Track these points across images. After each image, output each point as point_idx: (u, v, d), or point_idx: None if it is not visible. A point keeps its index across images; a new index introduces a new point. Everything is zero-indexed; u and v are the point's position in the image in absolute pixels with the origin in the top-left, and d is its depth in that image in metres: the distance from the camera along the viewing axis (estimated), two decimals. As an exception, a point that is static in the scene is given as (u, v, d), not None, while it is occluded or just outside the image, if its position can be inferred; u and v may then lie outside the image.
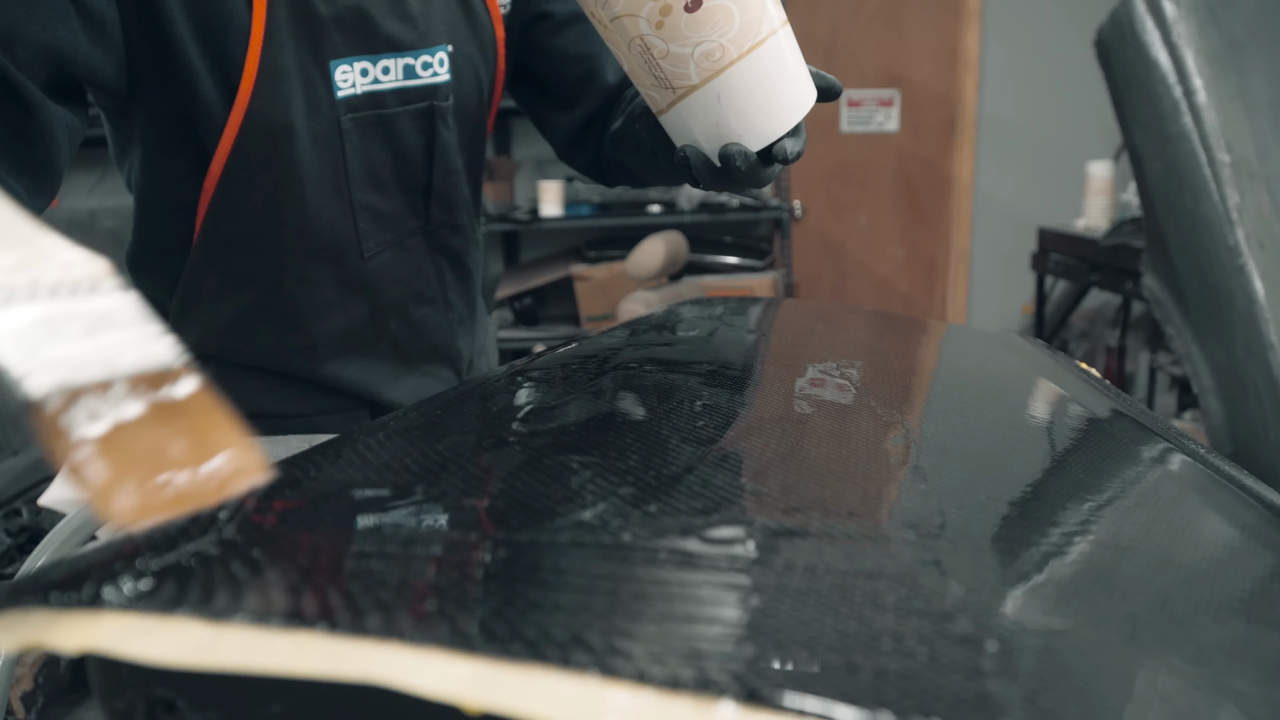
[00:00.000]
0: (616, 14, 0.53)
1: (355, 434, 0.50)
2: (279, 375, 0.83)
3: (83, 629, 0.29)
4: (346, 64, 0.75)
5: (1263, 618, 0.39)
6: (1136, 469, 0.58)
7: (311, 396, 0.84)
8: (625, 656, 0.27)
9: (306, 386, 0.84)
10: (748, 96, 0.56)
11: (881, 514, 0.41)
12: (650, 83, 0.57)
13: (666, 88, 0.56)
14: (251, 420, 0.80)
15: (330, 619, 0.28)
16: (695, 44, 0.53)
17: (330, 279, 0.82)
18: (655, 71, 0.55)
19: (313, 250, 0.80)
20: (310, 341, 0.83)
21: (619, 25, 0.54)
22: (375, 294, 0.84)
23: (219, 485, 0.34)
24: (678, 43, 0.53)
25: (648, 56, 0.54)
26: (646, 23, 0.52)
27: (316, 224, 0.80)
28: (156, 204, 0.82)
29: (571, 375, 0.69)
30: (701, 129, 0.57)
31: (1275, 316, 1.42)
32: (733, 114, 0.56)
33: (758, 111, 0.56)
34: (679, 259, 3.15)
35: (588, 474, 0.43)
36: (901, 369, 0.83)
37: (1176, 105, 1.54)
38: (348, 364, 0.84)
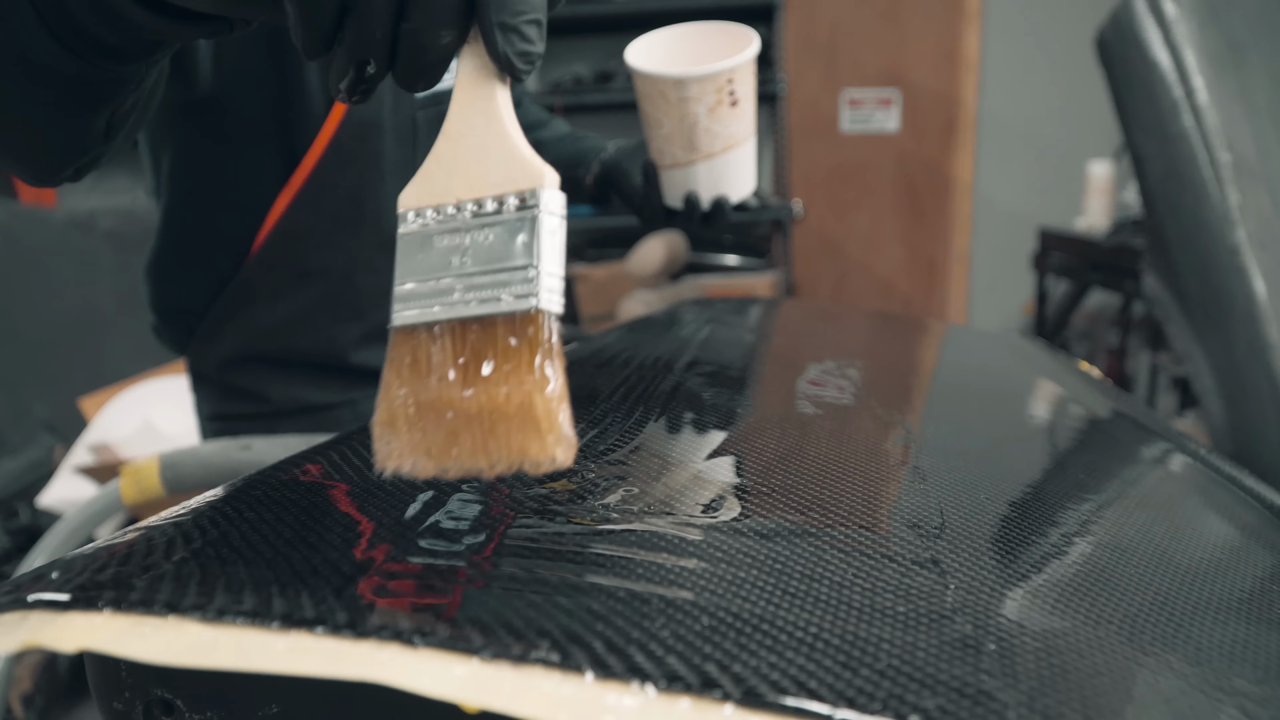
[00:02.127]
0: (686, 97, 0.72)
1: (355, 434, 0.50)
2: (325, 367, 0.86)
3: (82, 629, 0.29)
4: None
5: (1263, 618, 0.39)
6: (1137, 469, 0.58)
7: (354, 385, 0.87)
8: (625, 656, 0.27)
9: (351, 375, 0.87)
10: (738, 167, 0.77)
11: (881, 514, 0.41)
12: (682, 145, 0.75)
13: (694, 151, 0.75)
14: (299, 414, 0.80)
15: (330, 619, 0.28)
16: (725, 126, 0.74)
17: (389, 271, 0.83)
18: (692, 139, 0.74)
19: (382, 242, 0.83)
20: (367, 331, 0.86)
21: (683, 103, 0.72)
22: None
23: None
24: (717, 124, 0.73)
25: (693, 128, 0.73)
26: (704, 106, 0.72)
27: (390, 216, 0.82)
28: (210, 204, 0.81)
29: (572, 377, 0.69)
30: (705, 184, 0.77)
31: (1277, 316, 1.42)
32: (728, 177, 0.77)
33: (740, 179, 0.78)
34: (679, 259, 3.15)
35: (586, 474, 0.43)
36: (902, 369, 0.83)
37: (1177, 105, 1.54)
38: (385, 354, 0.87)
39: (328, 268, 0.82)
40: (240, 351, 0.85)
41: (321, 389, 0.87)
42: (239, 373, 0.86)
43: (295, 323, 0.84)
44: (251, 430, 0.86)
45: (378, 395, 0.35)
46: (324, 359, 0.86)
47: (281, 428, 0.86)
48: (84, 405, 2.22)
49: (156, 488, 0.75)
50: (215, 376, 0.86)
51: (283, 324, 0.84)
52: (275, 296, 0.83)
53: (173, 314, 0.86)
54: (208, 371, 0.87)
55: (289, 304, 0.83)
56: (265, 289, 0.82)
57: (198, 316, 0.84)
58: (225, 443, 0.76)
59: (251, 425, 0.87)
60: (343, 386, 0.87)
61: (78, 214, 2.77)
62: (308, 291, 0.83)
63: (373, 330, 0.86)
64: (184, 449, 0.76)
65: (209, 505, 0.39)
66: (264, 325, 0.84)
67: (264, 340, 0.84)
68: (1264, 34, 1.54)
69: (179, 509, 0.38)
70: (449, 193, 0.34)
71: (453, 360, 0.32)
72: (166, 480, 0.75)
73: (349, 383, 0.87)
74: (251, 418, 0.87)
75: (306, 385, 0.86)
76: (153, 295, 0.86)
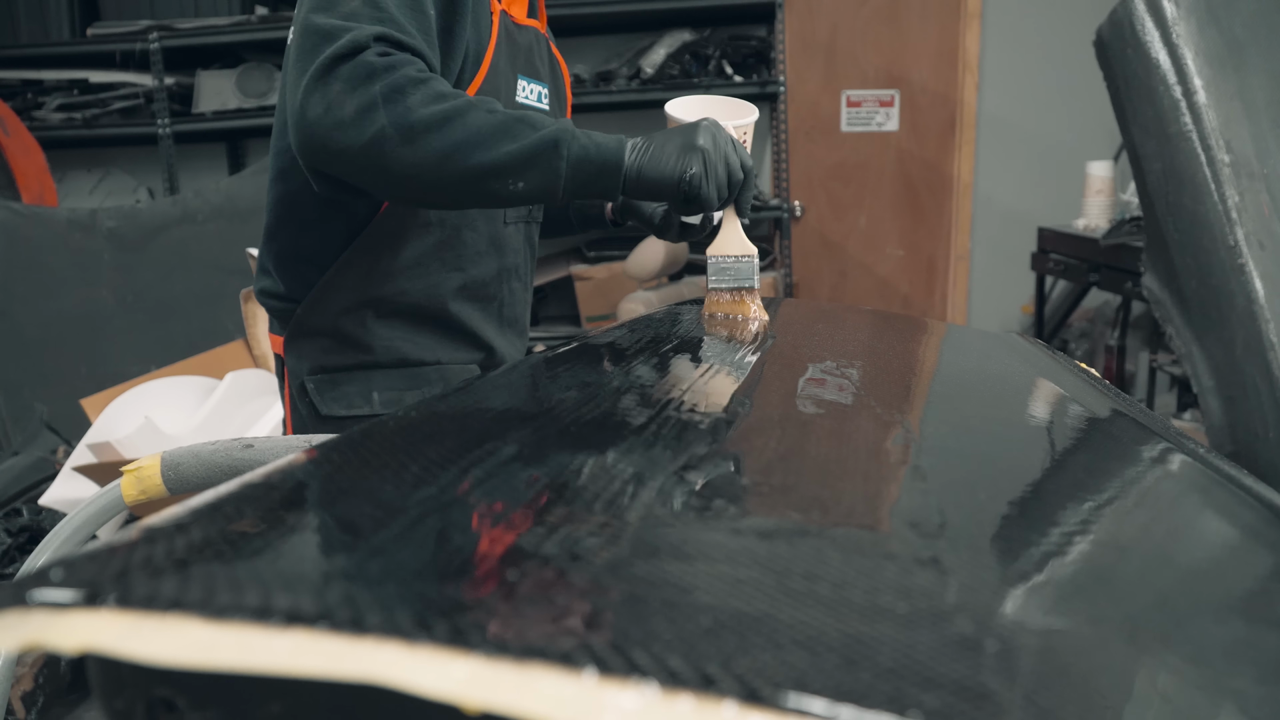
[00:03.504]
0: None
1: (355, 434, 0.50)
2: (425, 317, 1.01)
3: (83, 629, 0.29)
4: (523, 79, 1.03)
5: (1263, 617, 0.39)
6: (1136, 469, 0.58)
7: (441, 343, 1.03)
8: (625, 655, 0.27)
9: (447, 327, 1.03)
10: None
11: (882, 513, 0.41)
12: None
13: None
14: (396, 368, 1.02)
15: (330, 618, 0.28)
16: None
17: (485, 233, 1.03)
18: None
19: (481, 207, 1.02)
20: (463, 283, 1.02)
21: None
22: (504, 255, 1.06)
23: None
24: None
25: None
26: None
27: None
28: None
29: (572, 376, 0.69)
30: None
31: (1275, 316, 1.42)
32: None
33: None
34: (679, 259, 3.15)
35: (586, 474, 0.43)
36: (902, 369, 0.83)
37: (1176, 105, 1.54)
38: (474, 312, 1.04)
39: (444, 220, 0.99)
40: (358, 298, 0.99)
41: (418, 344, 1.02)
42: (351, 320, 0.99)
43: (410, 267, 0.99)
44: (352, 382, 1.00)
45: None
46: (427, 305, 1.01)
47: (379, 382, 1.00)
48: (85, 405, 2.22)
49: (158, 487, 0.75)
50: (328, 327, 1.00)
51: (401, 268, 0.99)
52: (399, 244, 0.98)
53: (297, 265, 1.00)
54: (321, 322, 1.00)
55: (411, 249, 0.98)
56: (392, 237, 0.98)
57: (321, 268, 0.99)
58: (226, 442, 0.76)
59: (353, 376, 1.00)
60: (435, 342, 1.03)
61: (78, 214, 2.77)
62: (424, 239, 0.99)
63: (468, 284, 1.03)
64: (185, 448, 0.76)
65: (210, 505, 0.39)
66: (385, 269, 0.98)
67: (381, 284, 0.99)
68: (1263, 34, 1.54)
69: (180, 509, 0.38)
70: (725, 250, 0.94)
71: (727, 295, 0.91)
72: (168, 480, 0.75)
73: (442, 337, 1.03)
74: (354, 369, 1.00)
75: (405, 337, 1.01)
76: (280, 249, 1.02)
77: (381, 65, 0.79)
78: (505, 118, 0.82)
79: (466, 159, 0.80)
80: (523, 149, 0.81)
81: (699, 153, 0.85)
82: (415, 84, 0.80)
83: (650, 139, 0.87)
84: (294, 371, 1.03)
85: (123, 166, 3.63)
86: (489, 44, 0.96)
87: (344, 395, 1.00)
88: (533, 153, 0.81)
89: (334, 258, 0.99)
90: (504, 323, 1.08)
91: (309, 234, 1.00)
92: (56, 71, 3.35)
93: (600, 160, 0.83)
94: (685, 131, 0.87)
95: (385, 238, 0.98)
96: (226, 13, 3.37)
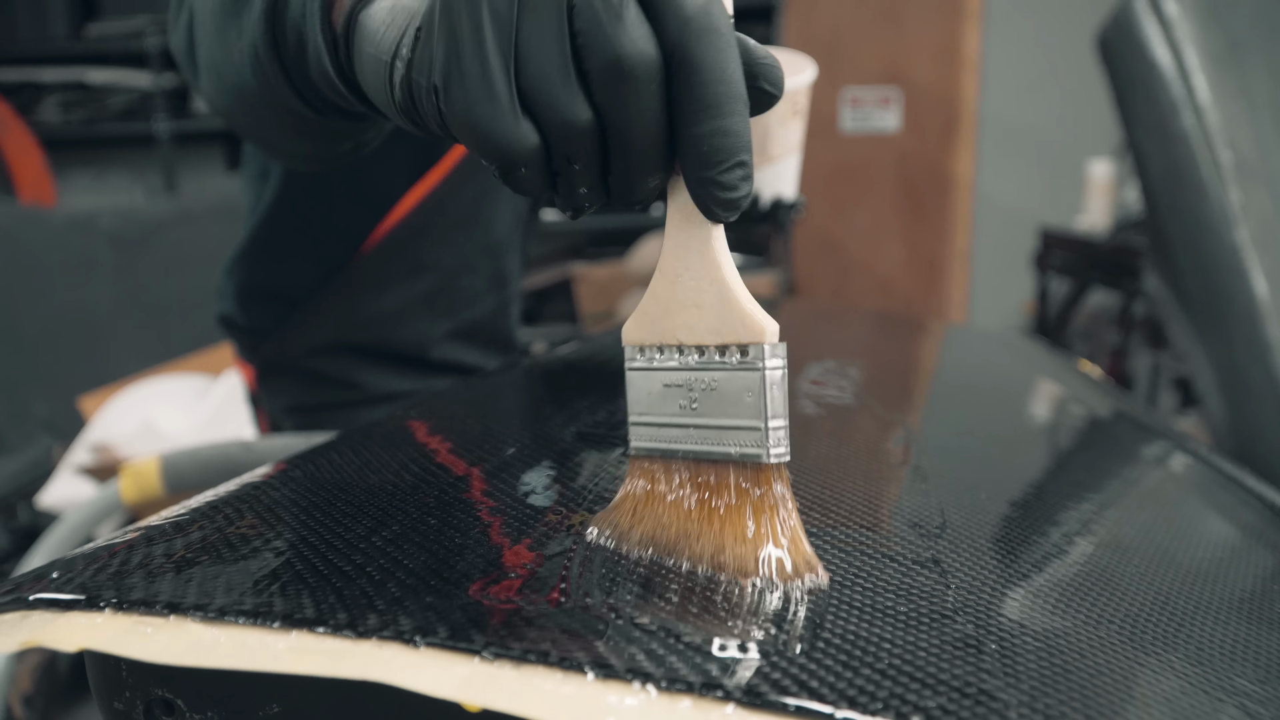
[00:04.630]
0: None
1: (355, 433, 0.50)
2: (406, 360, 0.89)
3: (82, 628, 0.29)
4: None
5: (1263, 618, 0.39)
6: (1137, 469, 0.58)
7: (428, 378, 0.90)
8: (626, 655, 0.27)
9: (430, 369, 0.90)
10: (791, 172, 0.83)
11: (882, 514, 0.41)
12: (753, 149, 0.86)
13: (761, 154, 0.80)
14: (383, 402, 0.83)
15: (330, 618, 0.28)
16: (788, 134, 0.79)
17: (486, 273, 0.91)
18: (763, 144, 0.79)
19: (485, 245, 0.88)
20: (454, 329, 0.90)
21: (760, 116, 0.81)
22: (505, 288, 0.94)
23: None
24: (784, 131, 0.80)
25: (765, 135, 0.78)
26: (777, 116, 0.77)
27: (500, 221, 0.88)
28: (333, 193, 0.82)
29: (573, 376, 0.69)
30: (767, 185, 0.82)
31: (1277, 316, 1.42)
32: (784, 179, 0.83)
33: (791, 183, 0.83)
34: (679, 258, 3.14)
35: (586, 474, 0.43)
36: (903, 369, 0.83)
37: (1178, 104, 1.54)
38: (469, 350, 0.93)
39: (439, 263, 0.86)
40: (332, 341, 0.87)
41: (405, 378, 0.90)
42: (327, 361, 0.87)
43: (394, 314, 0.86)
44: (334, 420, 0.87)
45: (611, 504, 0.36)
46: (408, 352, 0.88)
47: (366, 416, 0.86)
48: (84, 405, 2.22)
49: (156, 487, 0.75)
50: (300, 366, 0.87)
51: (383, 315, 0.86)
52: (382, 288, 0.85)
53: (264, 300, 0.87)
54: (291, 361, 0.87)
55: (394, 296, 0.86)
56: (374, 279, 0.85)
57: (292, 305, 0.86)
58: (225, 443, 0.76)
59: (334, 415, 0.88)
60: (422, 376, 0.90)
61: (78, 214, 2.77)
62: (414, 286, 0.86)
63: (458, 328, 0.90)
64: (184, 449, 0.76)
65: (209, 505, 0.39)
66: (364, 315, 0.86)
67: (359, 331, 0.86)
68: (1265, 33, 1.54)
69: (179, 509, 0.38)
70: (669, 334, 0.34)
71: (690, 493, 0.34)
72: (166, 480, 0.75)
73: (429, 374, 0.90)
74: (336, 407, 0.88)
75: (391, 375, 0.89)
76: (243, 281, 0.87)
77: None
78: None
79: (208, 52, 0.52)
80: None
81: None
82: None
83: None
84: (269, 410, 0.92)
85: (122, 166, 3.63)
86: None
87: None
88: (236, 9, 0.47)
89: (305, 295, 0.85)
90: (494, 347, 0.98)
91: (276, 269, 0.86)
92: (55, 70, 3.35)
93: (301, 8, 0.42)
94: None
95: (367, 280, 0.84)
96: (226, 12, 3.36)
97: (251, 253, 0.86)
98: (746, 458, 0.32)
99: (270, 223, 0.84)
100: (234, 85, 0.49)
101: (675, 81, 0.31)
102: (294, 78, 0.45)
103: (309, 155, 0.57)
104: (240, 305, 0.88)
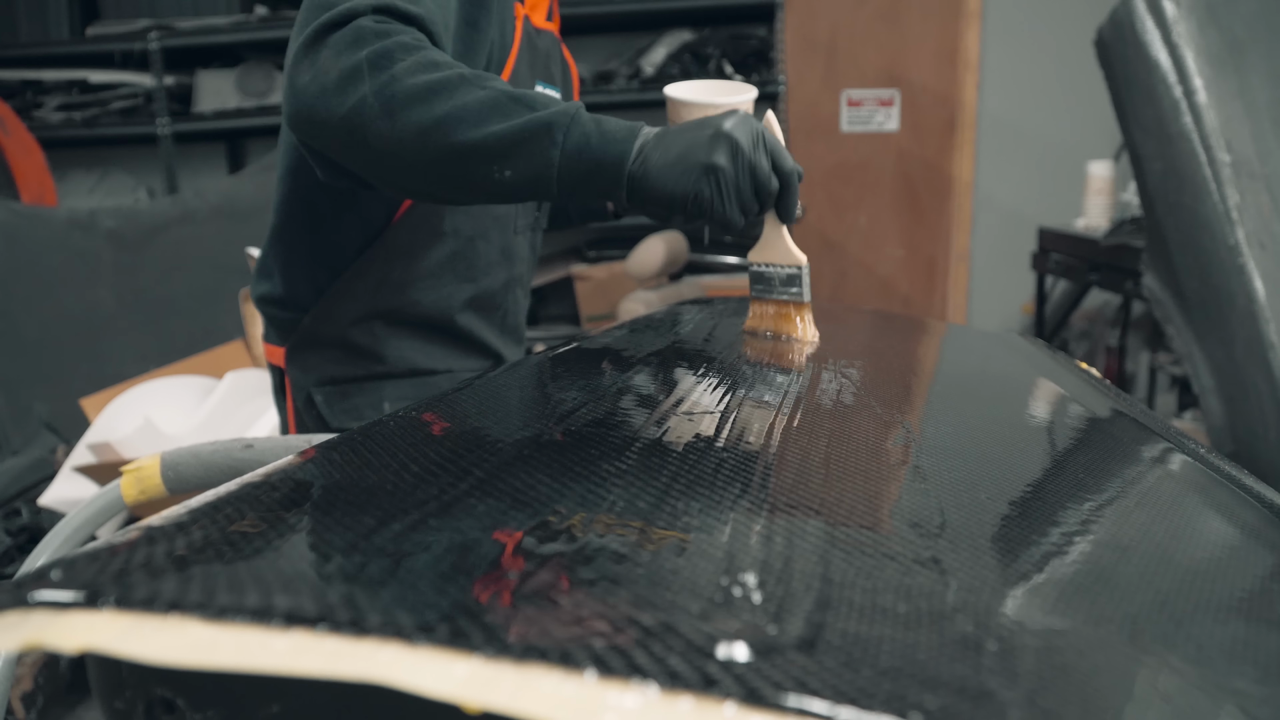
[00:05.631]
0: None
1: (355, 433, 0.50)
2: (433, 329, 0.99)
3: (84, 628, 0.29)
4: (541, 85, 1.00)
5: (1263, 617, 0.39)
6: (1137, 469, 0.58)
7: (450, 352, 1.01)
8: (626, 655, 0.27)
9: (455, 338, 1.01)
10: None
11: (882, 513, 0.41)
12: None
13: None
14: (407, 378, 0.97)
15: (331, 618, 0.28)
16: None
17: (497, 243, 1.01)
18: None
19: (496, 216, 0.99)
20: (473, 294, 1.00)
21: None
22: (512, 265, 1.03)
23: None
24: None
25: None
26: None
27: None
28: None
29: (574, 377, 0.69)
30: None
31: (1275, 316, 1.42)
32: None
33: None
34: (679, 259, 3.15)
35: (587, 474, 0.43)
36: (902, 369, 0.83)
37: (1176, 105, 1.54)
38: (480, 322, 1.02)
39: (458, 229, 0.96)
40: (368, 308, 0.96)
41: (429, 354, 0.99)
42: (361, 331, 0.96)
43: (424, 278, 0.96)
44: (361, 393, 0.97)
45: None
46: (435, 317, 0.98)
47: (390, 392, 0.97)
48: (85, 405, 2.22)
49: (158, 487, 0.75)
50: (337, 337, 0.96)
51: (414, 279, 0.96)
52: (413, 254, 0.95)
53: (311, 268, 0.96)
54: (330, 332, 0.96)
55: (422, 261, 0.95)
56: (407, 245, 0.94)
57: (334, 271, 0.95)
58: (226, 442, 0.76)
59: (362, 388, 0.97)
60: (445, 353, 1.00)
61: (78, 214, 2.77)
62: (439, 250, 0.96)
63: (478, 295, 1.00)
64: (185, 449, 0.76)
65: (210, 505, 0.39)
66: (399, 279, 0.95)
67: (393, 295, 0.96)
68: (1263, 33, 1.54)
69: (180, 509, 0.38)
70: (769, 259, 0.85)
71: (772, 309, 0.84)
72: (168, 480, 0.75)
73: (451, 348, 1.01)
74: (364, 379, 0.97)
75: (416, 348, 0.98)
76: (290, 250, 0.97)
77: (373, 31, 0.72)
78: (500, 93, 0.71)
79: (449, 136, 0.70)
80: (512, 129, 0.70)
81: (715, 172, 0.70)
82: (406, 50, 0.71)
83: (665, 135, 0.72)
84: (298, 384, 0.99)
85: (123, 166, 3.63)
86: (513, 47, 0.93)
87: (354, 407, 0.97)
88: (523, 135, 0.70)
89: (347, 262, 0.95)
90: (506, 330, 1.06)
91: (321, 233, 0.95)
92: (56, 71, 3.35)
93: (601, 154, 0.70)
94: (706, 130, 0.72)
95: (400, 246, 0.94)
96: (226, 12, 3.37)
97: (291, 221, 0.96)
98: (800, 301, 0.83)
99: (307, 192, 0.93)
100: (459, 150, 0.71)
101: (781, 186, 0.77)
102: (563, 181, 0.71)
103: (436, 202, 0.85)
104: (285, 274, 0.97)
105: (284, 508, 0.38)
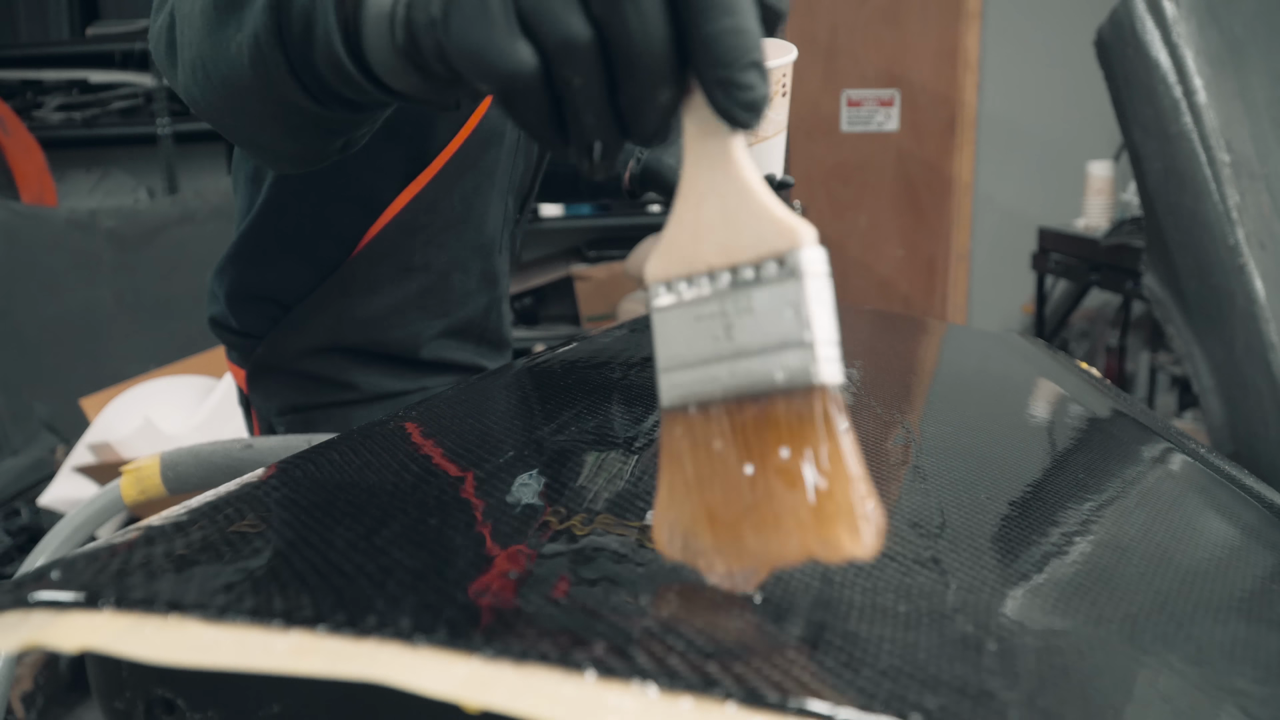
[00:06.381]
0: None
1: (355, 433, 0.50)
2: (397, 360, 0.89)
3: (83, 628, 0.29)
4: None
5: (1263, 617, 0.39)
6: (1137, 469, 0.58)
7: (422, 376, 0.90)
8: (626, 656, 0.27)
9: (422, 367, 0.90)
10: (777, 150, 0.86)
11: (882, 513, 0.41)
12: None
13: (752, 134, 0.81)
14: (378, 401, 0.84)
15: (330, 618, 0.28)
16: (775, 114, 0.83)
17: (477, 272, 0.90)
18: None
19: (476, 245, 0.88)
20: (446, 328, 0.90)
21: None
22: (495, 287, 0.93)
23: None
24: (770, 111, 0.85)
25: None
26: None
27: (488, 221, 0.88)
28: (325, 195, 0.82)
29: (572, 377, 0.69)
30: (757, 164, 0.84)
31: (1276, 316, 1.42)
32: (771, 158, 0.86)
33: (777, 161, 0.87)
34: (679, 259, 3.14)
35: (586, 474, 0.43)
36: (902, 369, 0.83)
37: (1176, 105, 1.54)
38: (462, 348, 0.92)
39: (429, 264, 0.86)
40: (326, 342, 0.86)
41: (399, 376, 0.89)
42: (319, 362, 0.87)
43: (387, 316, 0.86)
44: (327, 420, 0.87)
45: (658, 480, 0.32)
46: (400, 352, 0.88)
47: (359, 416, 0.87)
48: (85, 405, 2.22)
49: (157, 487, 0.75)
50: (292, 367, 0.87)
51: (376, 316, 0.86)
52: (374, 289, 0.85)
53: (255, 303, 0.86)
54: (283, 363, 0.87)
55: (386, 297, 0.85)
56: (366, 281, 0.84)
57: (283, 307, 0.85)
58: (226, 442, 0.76)
59: (328, 415, 0.87)
60: (415, 375, 0.90)
61: (78, 214, 2.76)
62: (406, 286, 0.86)
63: (450, 327, 0.90)
64: (185, 449, 0.76)
65: (210, 505, 0.39)
66: (358, 316, 0.85)
67: (352, 332, 0.86)
68: (1263, 33, 1.54)
69: (180, 509, 0.38)
70: (699, 260, 0.31)
71: (732, 441, 0.30)
72: (167, 480, 0.75)
73: (423, 372, 0.90)
74: (329, 407, 0.88)
75: (385, 372, 0.88)
76: (234, 283, 0.86)
77: None
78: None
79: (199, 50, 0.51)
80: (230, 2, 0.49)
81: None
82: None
83: None
84: (261, 411, 0.91)
85: (123, 166, 3.63)
86: None
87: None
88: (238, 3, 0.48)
89: (297, 298, 0.84)
90: (486, 344, 0.96)
91: (268, 272, 0.85)
92: (56, 71, 3.35)
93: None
94: None
95: (359, 281, 0.84)
96: (226, 12, 3.36)
97: (242, 255, 0.85)
98: (794, 383, 0.28)
99: (261, 225, 0.83)
100: (226, 81, 0.51)
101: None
102: (297, 66, 0.46)
103: (297, 154, 0.57)
104: (231, 308, 0.87)
105: (284, 508, 0.38)
